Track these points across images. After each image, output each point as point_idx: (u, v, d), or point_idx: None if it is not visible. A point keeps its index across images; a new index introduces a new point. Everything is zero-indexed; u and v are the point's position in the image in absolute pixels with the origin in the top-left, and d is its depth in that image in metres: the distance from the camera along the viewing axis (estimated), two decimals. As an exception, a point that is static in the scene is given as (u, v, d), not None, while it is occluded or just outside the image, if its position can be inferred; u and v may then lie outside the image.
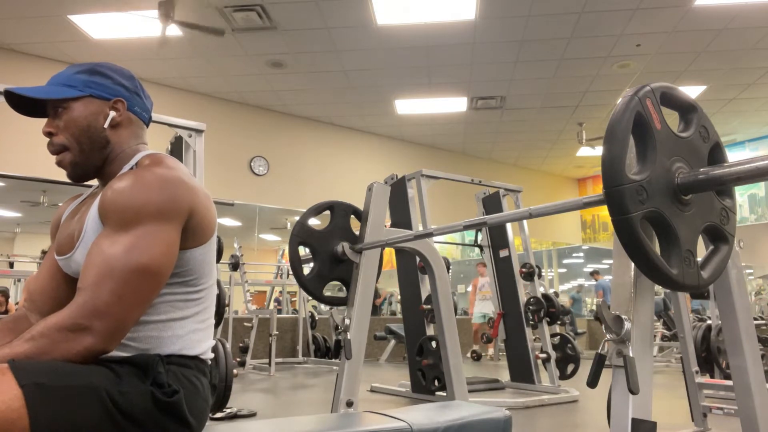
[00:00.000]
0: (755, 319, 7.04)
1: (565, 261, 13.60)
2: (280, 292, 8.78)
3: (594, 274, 9.89)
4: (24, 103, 1.14)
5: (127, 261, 0.97)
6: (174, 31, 5.51)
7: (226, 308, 4.42)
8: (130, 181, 1.03)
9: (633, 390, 1.25)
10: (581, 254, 13.33)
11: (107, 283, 0.96)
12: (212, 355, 1.18)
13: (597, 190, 10.31)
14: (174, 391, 1.02)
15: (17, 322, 1.17)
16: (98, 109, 1.12)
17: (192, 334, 1.11)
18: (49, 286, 1.19)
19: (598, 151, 8.72)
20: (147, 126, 1.22)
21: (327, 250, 2.54)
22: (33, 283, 1.22)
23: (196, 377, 1.10)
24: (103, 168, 1.15)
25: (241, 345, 6.41)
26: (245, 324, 6.54)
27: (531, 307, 4.80)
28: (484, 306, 7.82)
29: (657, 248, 1.19)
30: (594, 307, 9.58)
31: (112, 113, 1.12)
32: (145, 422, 0.99)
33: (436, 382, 4.12)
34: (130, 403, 0.97)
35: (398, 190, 4.55)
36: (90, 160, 1.13)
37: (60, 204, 1.31)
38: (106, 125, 1.12)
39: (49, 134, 1.12)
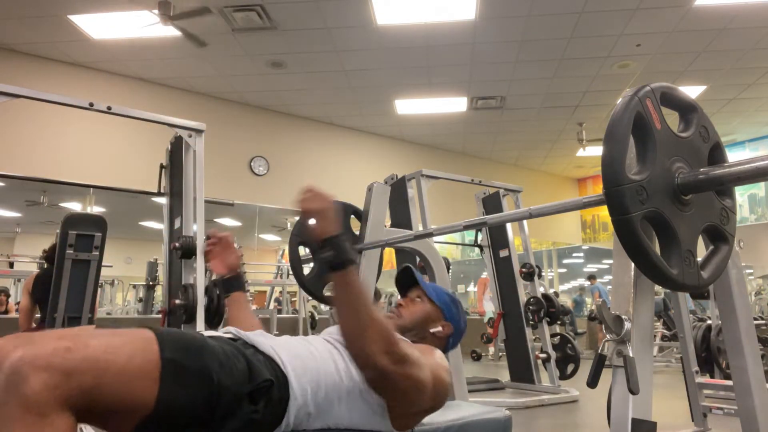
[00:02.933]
0: (755, 319, 7.03)
1: (565, 261, 13.60)
2: (280, 292, 8.78)
3: (591, 278, 10.10)
4: (403, 279, 1.59)
5: (437, 362, 1.30)
6: (174, 31, 5.51)
7: (226, 309, 4.41)
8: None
9: (633, 390, 1.25)
10: (581, 254, 13.33)
11: (419, 355, 1.24)
12: None
13: (597, 190, 10.28)
14: (254, 411, 1.06)
15: None
16: (435, 318, 1.50)
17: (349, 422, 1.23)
18: None
19: (598, 149, 8.71)
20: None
21: (327, 250, 2.54)
22: None
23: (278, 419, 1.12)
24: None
25: (241, 345, 6.39)
26: (245, 324, 6.52)
27: (531, 307, 4.79)
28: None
29: (657, 248, 1.19)
30: (591, 309, 9.71)
31: (439, 328, 1.50)
32: (226, 419, 1.03)
33: (436, 382, 4.11)
34: (225, 399, 1.03)
35: (398, 190, 4.54)
36: (404, 333, 1.41)
37: (60, 204, 1.32)
38: (431, 330, 1.49)
39: (399, 305, 1.53)
